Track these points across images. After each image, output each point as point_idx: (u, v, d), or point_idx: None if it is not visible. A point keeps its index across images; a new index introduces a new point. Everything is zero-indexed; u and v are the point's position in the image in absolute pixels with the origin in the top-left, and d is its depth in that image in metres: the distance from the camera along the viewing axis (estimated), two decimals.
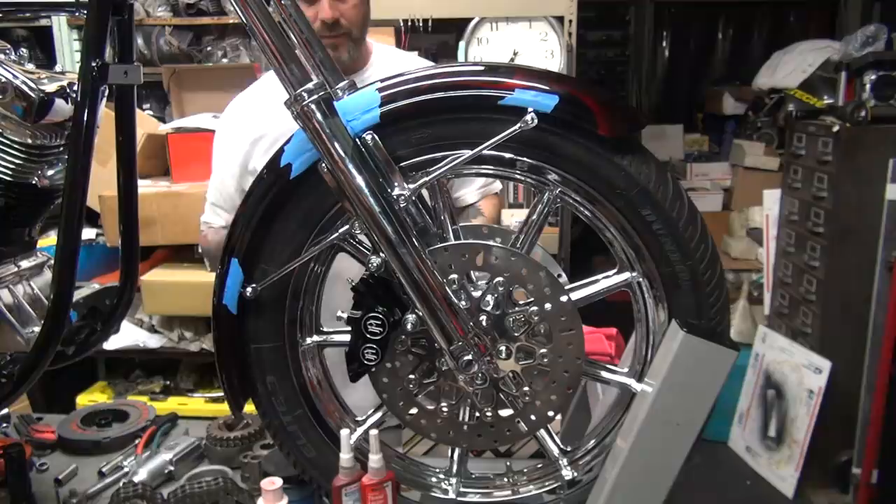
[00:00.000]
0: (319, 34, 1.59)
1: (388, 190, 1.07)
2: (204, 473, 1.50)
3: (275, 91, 1.65)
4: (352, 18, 1.65)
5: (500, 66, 1.09)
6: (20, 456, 1.41)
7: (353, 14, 1.65)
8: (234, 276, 1.15)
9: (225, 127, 1.87)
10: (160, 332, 3.10)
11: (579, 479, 1.24)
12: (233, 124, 1.83)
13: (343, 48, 1.67)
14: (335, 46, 1.64)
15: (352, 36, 1.67)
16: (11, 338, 1.33)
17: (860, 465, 2.85)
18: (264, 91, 1.78)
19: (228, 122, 1.86)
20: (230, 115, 1.86)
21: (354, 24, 1.66)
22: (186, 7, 3.53)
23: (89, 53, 1.17)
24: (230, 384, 1.22)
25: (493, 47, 3.16)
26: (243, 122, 1.78)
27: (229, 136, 1.81)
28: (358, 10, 1.66)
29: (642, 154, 1.09)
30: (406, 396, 1.19)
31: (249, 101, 1.83)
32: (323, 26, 1.62)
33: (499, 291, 1.13)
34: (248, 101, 1.84)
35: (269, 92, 1.69)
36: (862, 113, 2.86)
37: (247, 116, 1.79)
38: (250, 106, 1.81)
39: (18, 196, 1.28)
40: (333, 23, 1.62)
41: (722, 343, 1.09)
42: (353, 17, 1.65)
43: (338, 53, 1.65)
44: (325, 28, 1.62)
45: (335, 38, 1.64)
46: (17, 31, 3.73)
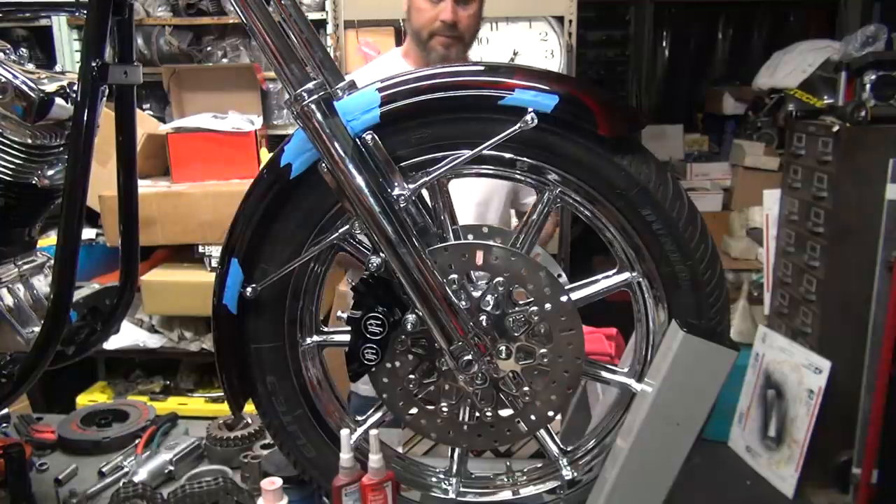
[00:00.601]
0: (436, 32, 1.85)
1: (388, 190, 1.07)
2: (204, 473, 1.50)
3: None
4: (467, 25, 1.85)
5: (500, 66, 1.09)
6: (20, 456, 1.41)
7: (469, 22, 1.85)
8: (233, 276, 1.15)
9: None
10: (160, 332, 3.11)
11: (579, 479, 1.24)
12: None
13: (454, 49, 1.85)
14: (448, 45, 1.85)
15: (464, 41, 1.87)
16: (11, 338, 1.33)
17: (860, 465, 2.85)
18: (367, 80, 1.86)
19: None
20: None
21: (468, 31, 1.86)
22: (186, 7, 3.54)
23: (89, 53, 1.17)
24: (230, 384, 1.22)
25: (493, 47, 3.16)
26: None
27: None
28: (474, 19, 1.87)
29: (642, 154, 1.09)
30: (406, 396, 1.19)
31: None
32: (442, 26, 1.82)
33: (499, 291, 1.13)
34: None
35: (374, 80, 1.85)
36: (862, 113, 2.86)
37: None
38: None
39: (18, 196, 1.28)
40: (452, 24, 1.82)
41: (722, 343, 1.09)
42: (469, 24, 1.85)
43: (448, 52, 1.85)
44: (444, 28, 1.82)
45: (450, 38, 1.84)
46: (17, 31, 3.73)
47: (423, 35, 1.87)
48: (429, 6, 1.84)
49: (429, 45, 1.87)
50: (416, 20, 1.88)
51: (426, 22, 1.85)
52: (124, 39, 1.25)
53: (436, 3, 1.82)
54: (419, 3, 1.86)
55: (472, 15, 1.85)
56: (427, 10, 1.85)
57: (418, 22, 1.87)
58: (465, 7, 1.84)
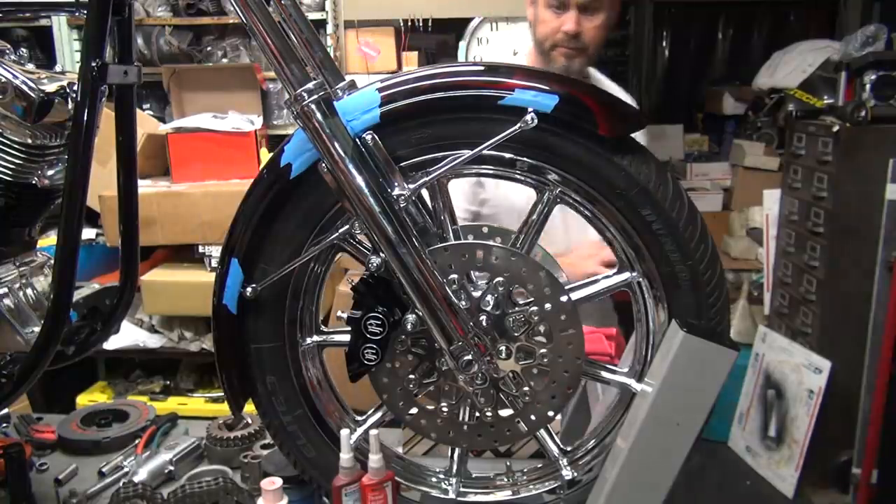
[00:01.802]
0: (559, 43, 1.82)
1: (388, 190, 1.07)
2: (204, 473, 1.50)
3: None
4: (592, 37, 1.81)
5: (500, 66, 1.09)
6: (20, 456, 1.41)
7: (594, 34, 1.81)
8: (233, 276, 1.15)
9: None
10: (160, 332, 3.11)
11: (579, 479, 1.24)
12: None
13: (576, 60, 1.82)
14: (570, 56, 1.82)
15: (587, 53, 1.83)
16: (11, 338, 1.33)
17: (860, 465, 2.85)
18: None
19: None
20: None
21: (592, 43, 1.82)
22: (186, 7, 3.54)
23: (89, 53, 1.17)
24: (230, 384, 1.22)
25: (493, 47, 3.17)
26: None
27: None
28: (599, 31, 1.82)
29: (642, 154, 1.09)
30: (406, 396, 1.19)
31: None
32: (565, 37, 1.79)
33: (499, 291, 1.13)
34: None
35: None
36: (862, 113, 2.86)
37: None
38: None
39: (18, 196, 1.28)
40: (575, 35, 1.78)
41: (722, 343, 1.09)
42: (593, 36, 1.81)
43: (570, 64, 1.82)
44: (566, 38, 1.79)
45: (572, 50, 1.81)
46: (17, 31, 3.74)
47: (546, 46, 1.84)
48: (552, 17, 1.80)
49: (551, 56, 1.84)
50: (540, 30, 1.85)
51: (549, 33, 1.82)
52: (124, 39, 1.25)
53: (559, 13, 1.79)
54: (543, 14, 1.83)
55: (597, 27, 1.81)
56: (550, 21, 1.81)
57: (541, 32, 1.84)
58: (591, 18, 1.80)
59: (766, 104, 4.18)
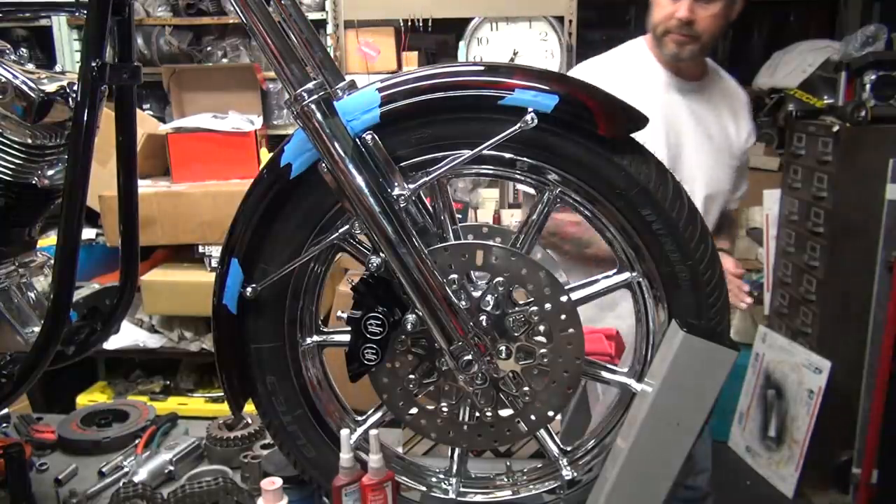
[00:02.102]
0: (671, 30, 1.80)
1: (388, 190, 1.07)
2: (204, 473, 1.50)
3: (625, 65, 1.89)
4: (706, 26, 1.78)
5: (500, 66, 1.09)
6: (20, 456, 1.41)
7: (708, 22, 1.78)
8: (233, 276, 1.15)
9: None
10: (160, 332, 3.10)
11: (579, 479, 1.24)
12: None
13: (687, 48, 1.80)
14: (681, 44, 1.80)
15: (700, 41, 1.80)
16: (11, 338, 1.33)
17: (860, 465, 2.85)
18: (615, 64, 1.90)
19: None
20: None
21: (706, 32, 1.79)
22: (186, 7, 3.54)
23: (89, 53, 1.16)
24: (230, 384, 1.22)
25: (493, 47, 3.17)
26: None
27: None
28: (715, 21, 1.79)
29: (642, 154, 1.09)
30: (406, 396, 1.19)
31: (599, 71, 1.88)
32: (678, 23, 1.77)
33: (499, 291, 1.13)
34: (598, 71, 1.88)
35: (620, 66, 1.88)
36: (862, 113, 2.86)
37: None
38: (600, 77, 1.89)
39: (18, 196, 1.28)
40: (688, 23, 1.76)
41: (722, 343, 1.09)
42: (708, 25, 1.78)
43: (680, 51, 1.81)
44: (679, 25, 1.78)
45: (684, 37, 1.79)
46: (17, 31, 3.74)
47: (659, 31, 1.84)
48: (668, 2, 1.80)
49: (663, 42, 1.84)
50: (655, 15, 1.84)
51: (663, 18, 1.82)
52: (124, 39, 1.25)
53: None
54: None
55: (712, 15, 1.78)
56: (665, 6, 1.81)
57: (656, 17, 1.84)
58: (706, 6, 1.78)
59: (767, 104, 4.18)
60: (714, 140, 1.90)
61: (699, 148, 1.87)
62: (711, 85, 1.94)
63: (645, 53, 1.92)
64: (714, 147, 1.90)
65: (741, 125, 1.97)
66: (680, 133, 1.86)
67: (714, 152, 1.90)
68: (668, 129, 1.84)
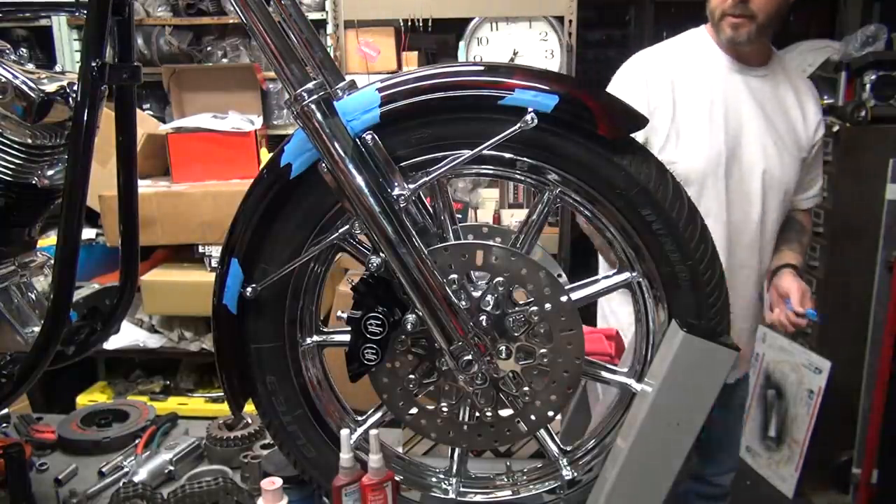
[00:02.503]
0: (726, 12, 1.74)
1: (388, 190, 1.07)
2: (204, 473, 1.50)
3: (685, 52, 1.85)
4: (761, 4, 1.70)
5: (500, 66, 1.09)
6: (20, 456, 1.41)
7: (763, 1, 1.70)
8: (233, 276, 1.15)
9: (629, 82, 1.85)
10: (160, 332, 3.10)
11: (579, 479, 1.24)
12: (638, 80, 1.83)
13: (743, 30, 1.73)
14: (736, 26, 1.73)
15: (757, 21, 1.72)
16: (11, 338, 1.33)
17: (860, 465, 2.85)
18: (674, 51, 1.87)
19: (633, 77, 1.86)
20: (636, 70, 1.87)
21: (763, 11, 1.71)
22: (186, 7, 3.54)
23: (89, 53, 1.17)
24: (230, 384, 1.22)
25: (493, 47, 3.16)
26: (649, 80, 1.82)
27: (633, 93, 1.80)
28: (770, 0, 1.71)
29: (642, 154, 1.09)
30: (406, 396, 1.19)
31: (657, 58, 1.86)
32: (732, 4, 1.71)
33: (499, 291, 1.13)
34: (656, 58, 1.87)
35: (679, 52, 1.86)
36: (862, 113, 2.87)
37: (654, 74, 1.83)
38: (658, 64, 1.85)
39: (18, 196, 1.28)
40: (741, 2, 1.69)
41: (722, 343, 1.09)
42: (763, 4, 1.70)
43: (736, 34, 1.74)
44: (732, 5, 1.72)
45: (738, 18, 1.72)
46: (17, 31, 3.73)
47: (715, 15, 1.79)
48: None
49: (720, 27, 1.78)
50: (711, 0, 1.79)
51: (718, 1, 1.76)
52: (124, 39, 1.25)
53: None
54: None
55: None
56: None
57: (712, 1, 1.79)
58: None
59: None
60: (778, 128, 1.83)
61: (761, 134, 1.81)
62: (776, 72, 1.87)
63: (705, 39, 1.87)
64: (778, 135, 1.83)
65: (809, 116, 1.89)
66: (741, 118, 1.80)
67: (778, 141, 1.83)
68: (728, 113, 1.79)
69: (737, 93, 1.82)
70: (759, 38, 1.77)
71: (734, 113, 1.80)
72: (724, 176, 1.79)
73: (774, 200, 1.86)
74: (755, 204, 1.83)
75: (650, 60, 1.87)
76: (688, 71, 1.82)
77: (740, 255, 1.85)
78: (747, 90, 1.82)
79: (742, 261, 1.86)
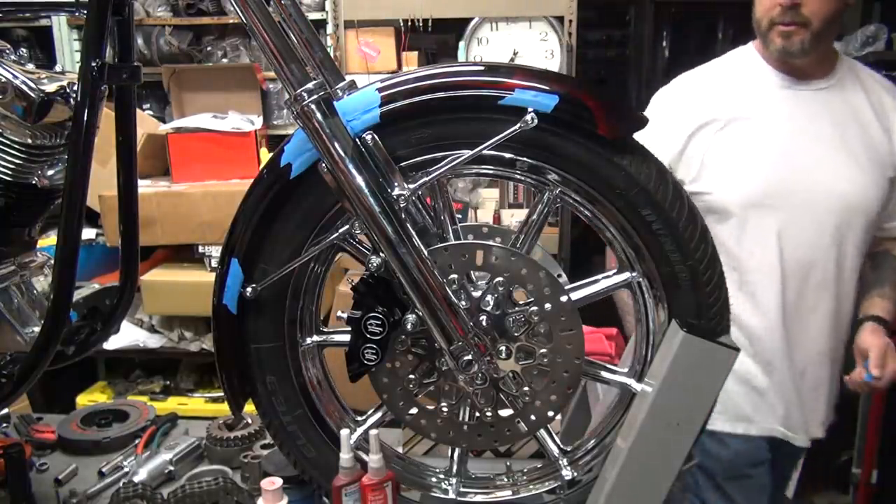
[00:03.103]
0: (775, 19, 1.57)
1: (388, 190, 1.07)
2: (204, 473, 1.50)
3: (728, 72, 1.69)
4: (815, 9, 1.54)
5: (500, 66, 1.09)
6: (20, 456, 1.41)
7: (817, 5, 1.54)
8: (233, 276, 1.15)
9: (664, 107, 1.73)
10: (160, 332, 3.10)
11: (579, 479, 1.24)
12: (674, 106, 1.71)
13: (796, 38, 1.56)
14: (787, 35, 1.56)
15: (811, 28, 1.55)
16: (11, 338, 1.33)
17: (860, 465, 2.85)
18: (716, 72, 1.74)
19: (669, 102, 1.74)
20: (672, 95, 1.75)
21: (817, 16, 1.54)
22: (186, 7, 3.54)
23: (89, 53, 1.17)
24: (230, 384, 1.22)
25: (493, 47, 3.16)
26: (687, 105, 1.69)
27: (668, 119, 1.67)
28: (826, 3, 1.54)
29: (642, 154, 1.09)
30: (406, 396, 1.19)
31: (697, 81, 1.74)
32: (781, 11, 1.56)
33: (499, 291, 1.13)
34: (696, 81, 1.74)
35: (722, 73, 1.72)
36: None
37: (692, 98, 1.70)
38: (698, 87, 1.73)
39: (18, 196, 1.28)
40: (791, 7, 1.54)
41: (722, 343, 1.09)
42: (817, 8, 1.54)
43: (788, 44, 1.57)
44: (781, 13, 1.56)
45: (789, 27, 1.55)
46: (17, 31, 3.73)
47: (763, 26, 1.61)
48: None
49: (769, 38, 1.60)
50: (757, 10, 1.63)
51: (765, 10, 1.60)
52: (124, 39, 1.25)
53: None
54: None
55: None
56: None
57: (758, 11, 1.62)
58: None
59: None
60: (850, 145, 1.61)
61: (828, 155, 1.60)
62: (845, 83, 1.65)
63: (751, 57, 1.70)
64: (851, 154, 1.61)
65: (893, 128, 1.65)
66: (797, 139, 1.60)
67: (852, 160, 1.61)
68: (779, 136, 1.61)
69: (790, 112, 1.62)
70: (817, 46, 1.57)
71: (787, 135, 1.61)
72: (779, 206, 1.59)
73: (853, 230, 1.62)
74: (825, 235, 1.60)
75: (688, 84, 1.74)
76: (730, 93, 1.67)
77: (809, 297, 1.63)
78: (804, 107, 1.63)
79: (811, 304, 1.64)
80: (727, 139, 1.63)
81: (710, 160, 1.64)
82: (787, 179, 1.60)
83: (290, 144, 1.11)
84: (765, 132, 1.62)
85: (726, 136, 1.63)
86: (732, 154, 1.63)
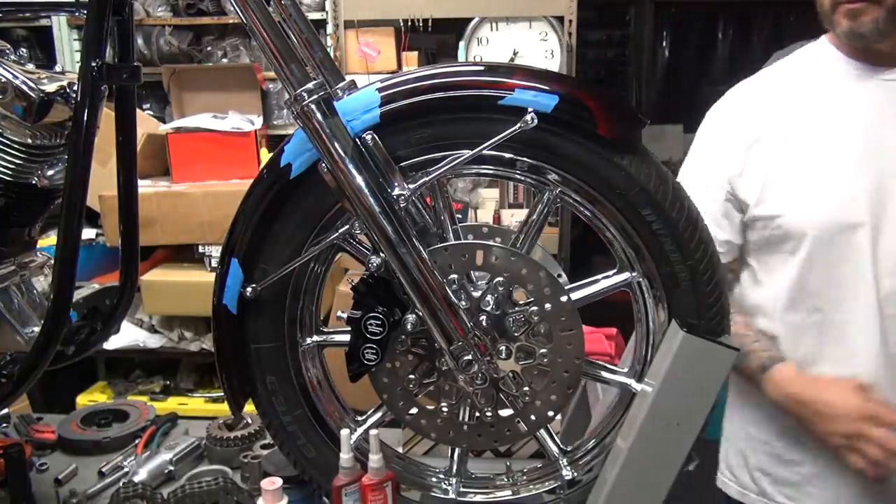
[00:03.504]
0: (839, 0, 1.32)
1: (388, 190, 1.07)
2: (204, 473, 1.50)
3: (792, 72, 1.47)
4: None
5: (500, 66, 1.09)
6: (20, 456, 1.41)
7: None
8: (233, 276, 1.15)
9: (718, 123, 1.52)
10: (160, 332, 3.11)
11: (579, 479, 1.24)
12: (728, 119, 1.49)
13: (866, 18, 1.29)
14: (854, 14, 1.30)
15: (882, 4, 1.28)
16: (11, 338, 1.33)
17: None
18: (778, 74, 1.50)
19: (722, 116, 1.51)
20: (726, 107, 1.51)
21: None
22: (186, 7, 3.54)
23: (89, 53, 1.17)
24: (230, 384, 1.22)
25: (493, 47, 3.16)
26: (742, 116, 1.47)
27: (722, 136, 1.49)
28: None
29: (642, 154, 1.09)
30: (406, 396, 1.19)
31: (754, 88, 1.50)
32: None
33: (499, 291, 1.13)
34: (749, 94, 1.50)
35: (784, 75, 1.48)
36: None
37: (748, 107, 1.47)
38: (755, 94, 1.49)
39: (18, 196, 1.28)
40: None
41: (722, 343, 1.09)
42: None
43: (855, 24, 1.31)
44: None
45: (856, 3, 1.30)
46: (17, 31, 3.73)
47: (826, 7, 1.35)
48: None
49: (834, 21, 1.34)
50: None
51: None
52: (124, 39, 1.25)
53: None
54: None
55: None
56: None
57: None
58: None
59: None
60: None
61: None
62: None
63: (824, 49, 1.44)
64: None
65: None
66: (884, 136, 1.35)
67: None
68: (862, 128, 1.35)
69: (870, 104, 1.37)
70: (892, 24, 1.30)
71: (868, 132, 1.35)
72: (866, 221, 1.33)
73: None
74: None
75: (744, 92, 1.50)
76: (793, 94, 1.43)
77: None
78: (886, 95, 1.37)
79: None
80: (793, 148, 1.39)
81: (774, 176, 1.39)
82: (874, 186, 1.33)
83: (290, 144, 1.11)
84: (839, 133, 1.37)
85: (792, 144, 1.39)
86: (802, 165, 1.38)
